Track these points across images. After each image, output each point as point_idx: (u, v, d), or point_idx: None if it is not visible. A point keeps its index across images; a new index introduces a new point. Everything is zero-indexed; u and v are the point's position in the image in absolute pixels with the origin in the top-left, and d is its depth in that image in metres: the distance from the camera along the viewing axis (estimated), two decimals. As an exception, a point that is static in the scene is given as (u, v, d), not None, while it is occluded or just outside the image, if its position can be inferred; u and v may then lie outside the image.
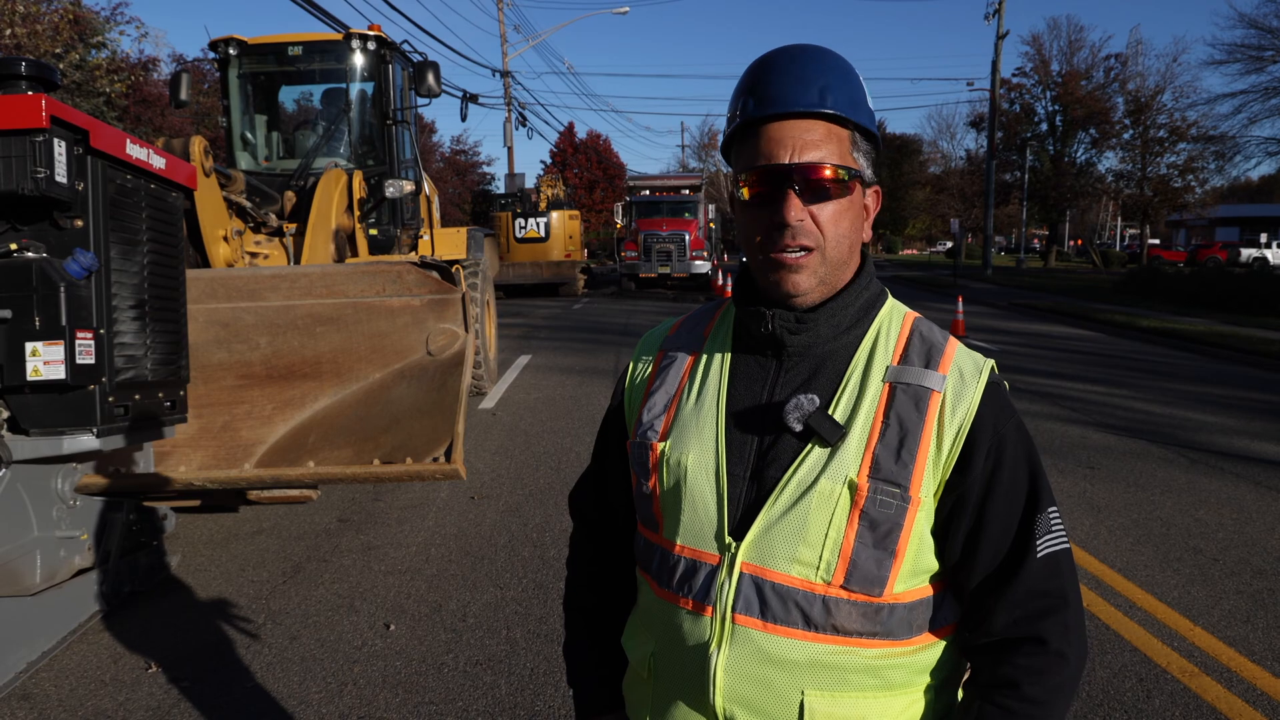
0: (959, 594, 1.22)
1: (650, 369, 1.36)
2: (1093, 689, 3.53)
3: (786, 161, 1.16)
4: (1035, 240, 62.85)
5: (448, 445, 4.31)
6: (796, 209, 1.16)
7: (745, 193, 1.20)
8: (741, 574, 1.17)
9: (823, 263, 1.19)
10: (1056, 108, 43.09)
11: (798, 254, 1.17)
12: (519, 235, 25.14)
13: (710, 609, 1.19)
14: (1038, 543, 1.17)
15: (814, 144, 1.17)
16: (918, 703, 1.21)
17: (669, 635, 1.26)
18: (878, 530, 1.14)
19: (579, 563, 1.52)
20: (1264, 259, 40.39)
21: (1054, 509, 1.19)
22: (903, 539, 1.15)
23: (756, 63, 1.24)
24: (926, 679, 1.22)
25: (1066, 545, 1.19)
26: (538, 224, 25.23)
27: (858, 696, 1.17)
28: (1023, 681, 1.15)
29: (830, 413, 1.18)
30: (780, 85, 1.18)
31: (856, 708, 1.17)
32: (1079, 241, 65.93)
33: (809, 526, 1.15)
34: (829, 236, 1.18)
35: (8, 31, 17.11)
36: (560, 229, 25.46)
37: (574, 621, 1.51)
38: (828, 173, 1.16)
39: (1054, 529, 1.18)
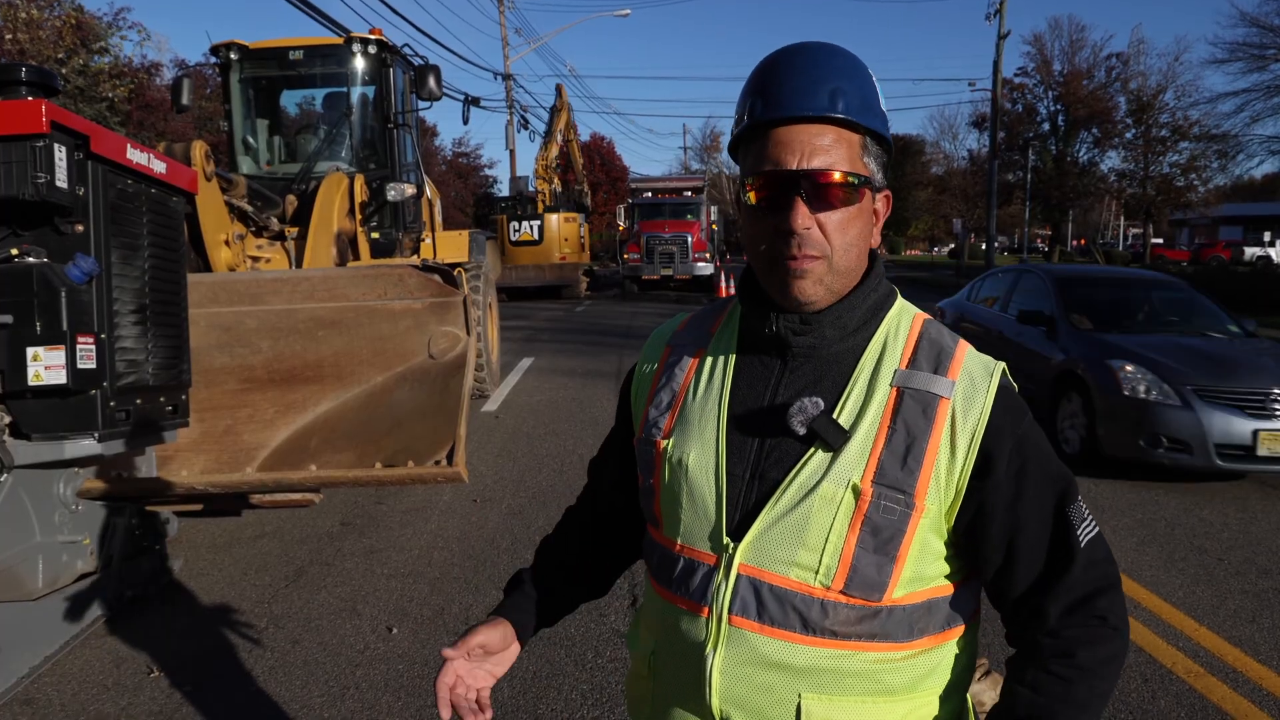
0: (1000, 598, 1.21)
1: (657, 366, 1.34)
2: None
3: (794, 167, 1.12)
4: (1038, 240, 62.76)
5: (450, 448, 4.30)
6: (803, 217, 1.12)
7: (751, 197, 1.16)
8: (739, 575, 1.16)
9: (829, 271, 1.15)
10: (1058, 107, 42.99)
11: (803, 262, 1.14)
12: (513, 238, 25.02)
13: (707, 610, 1.18)
14: (1079, 533, 1.17)
15: (823, 149, 1.13)
16: (920, 708, 1.19)
17: (668, 634, 1.26)
18: (880, 536, 1.13)
19: (570, 511, 1.54)
20: (1268, 258, 40.28)
21: (1080, 499, 1.20)
22: (904, 546, 1.13)
23: (765, 61, 1.19)
24: (929, 684, 1.20)
25: (1098, 528, 1.21)
26: (531, 226, 25.10)
27: (856, 701, 1.15)
28: (1078, 651, 1.15)
29: (835, 416, 1.16)
30: (789, 87, 1.14)
31: (855, 713, 1.15)
32: (1082, 241, 65.83)
33: (809, 530, 1.13)
34: (836, 245, 1.14)
35: (10, 37, 17.16)
36: (555, 232, 25.25)
37: (537, 550, 1.53)
38: (836, 178, 1.12)
39: (1086, 515, 1.19)
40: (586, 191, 30.64)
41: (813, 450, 1.15)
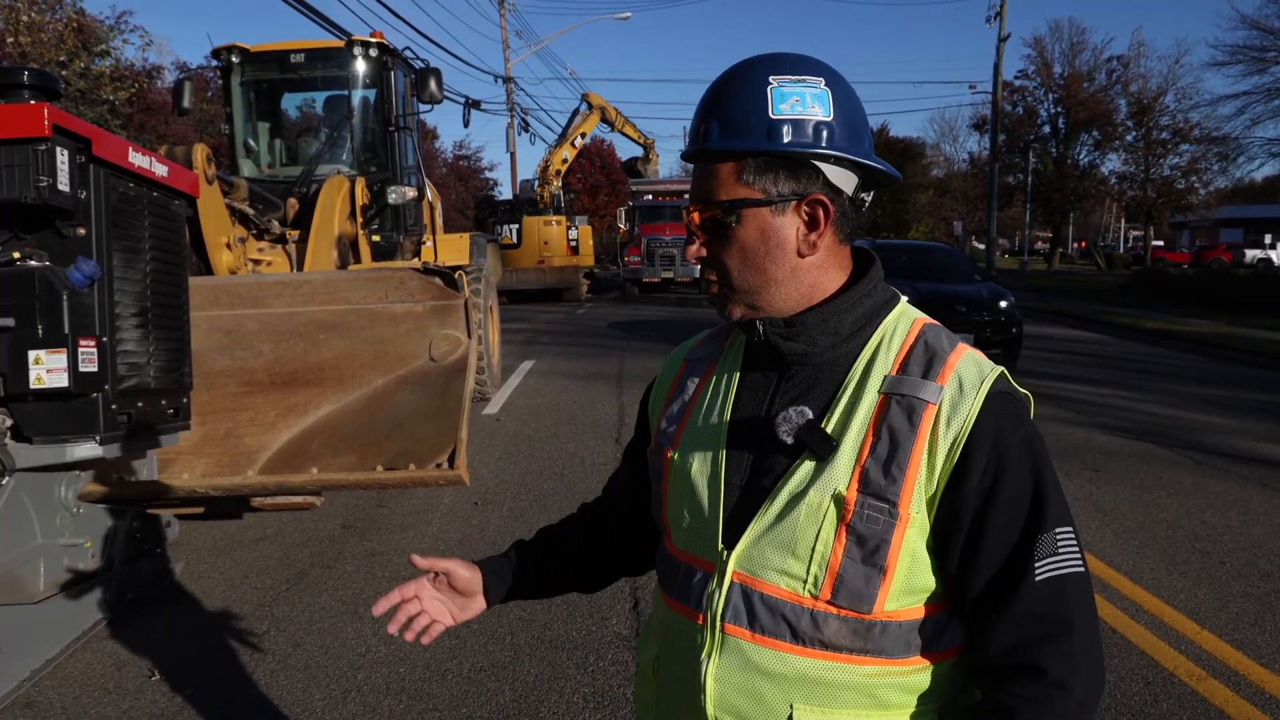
0: (958, 612, 1.17)
1: (673, 379, 1.38)
2: (1099, 693, 3.51)
3: (688, 202, 1.23)
4: (1039, 242, 62.73)
5: (451, 451, 4.30)
6: (692, 250, 1.23)
7: None
8: (731, 583, 1.17)
9: (732, 290, 1.21)
10: (1059, 110, 43.06)
11: (710, 287, 1.24)
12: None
13: (703, 617, 1.20)
14: (1037, 565, 1.10)
15: (701, 183, 1.20)
16: None
17: (669, 640, 1.28)
18: (865, 546, 1.11)
19: (583, 505, 1.58)
20: (1268, 260, 40.34)
21: (1064, 530, 1.11)
22: (891, 555, 1.11)
23: None
24: (926, 702, 1.17)
25: (1078, 569, 1.11)
26: (510, 230, 25.06)
27: (849, 714, 1.14)
28: (1019, 710, 1.08)
29: (824, 425, 1.15)
30: (691, 126, 1.22)
31: None
32: (1083, 243, 65.81)
33: (797, 539, 1.13)
34: (729, 267, 1.20)
35: (11, 40, 17.19)
36: (534, 235, 25.10)
37: (539, 530, 1.56)
38: (697, 216, 1.20)
39: (1061, 550, 1.10)
40: (655, 159, 29.73)
41: (801, 459, 1.16)
